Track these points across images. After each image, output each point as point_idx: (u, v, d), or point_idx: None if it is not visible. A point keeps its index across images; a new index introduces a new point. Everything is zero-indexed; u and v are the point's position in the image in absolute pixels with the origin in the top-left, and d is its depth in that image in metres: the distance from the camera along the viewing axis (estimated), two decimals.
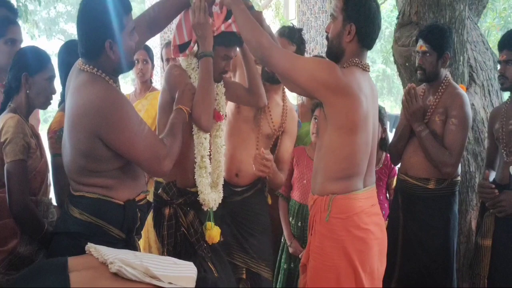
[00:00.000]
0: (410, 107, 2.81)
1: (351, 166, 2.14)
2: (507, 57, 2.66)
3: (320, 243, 2.17)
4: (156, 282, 1.74)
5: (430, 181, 2.80)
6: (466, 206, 3.29)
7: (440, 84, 2.81)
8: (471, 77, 3.42)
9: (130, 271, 1.74)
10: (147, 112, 3.59)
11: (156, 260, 1.87)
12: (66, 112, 2.05)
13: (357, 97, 2.07)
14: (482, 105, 3.40)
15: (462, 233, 3.25)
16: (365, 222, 2.15)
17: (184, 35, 2.44)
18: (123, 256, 1.81)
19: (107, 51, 1.96)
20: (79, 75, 2.01)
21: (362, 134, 2.11)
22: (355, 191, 2.15)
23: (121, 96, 2.00)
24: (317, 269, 2.18)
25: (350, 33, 2.14)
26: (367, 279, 2.15)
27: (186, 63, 2.46)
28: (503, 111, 2.77)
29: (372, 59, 19.07)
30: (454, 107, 2.73)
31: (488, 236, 2.69)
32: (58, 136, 2.47)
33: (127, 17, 2.00)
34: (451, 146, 2.71)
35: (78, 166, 2.02)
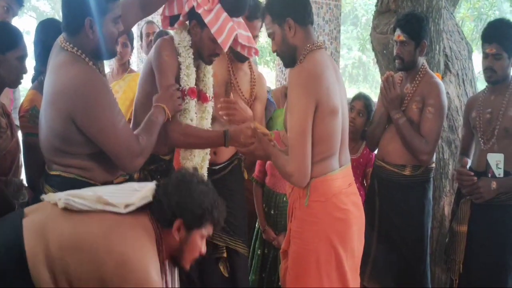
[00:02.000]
0: (388, 95, 2.84)
1: (328, 148, 2.15)
2: (496, 51, 2.63)
3: (300, 228, 2.20)
4: (110, 208, 1.71)
5: (406, 168, 2.85)
6: (440, 193, 3.36)
7: (417, 73, 2.85)
8: (447, 66, 3.48)
9: (79, 201, 1.71)
10: (124, 93, 3.55)
11: (113, 189, 1.85)
12: (44, 91, 2.01)
13: (330, 85, 2.10)
14: (456, 94, 3.46)
15: (435, 219, 3.32)
16: (344, 203, 2.17)
17: (174, 8, 2.38)
18: (76, 191, 1.78)
19: (86, 29, 1.93)
20: (60, 53, 1.98)
21: (338, 115, 2.14)
22: (332, 172, 2.17)
23: (101, 81, 1.97)
24: (298, 253, 2.20)
25: (291, 28, 2.17)
26: (349, 259, 2.19)
27: (178, 39, 2.36)
28: (480, 100, 2.82)
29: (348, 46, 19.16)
30: (431, 96, 2.77)
31: (464, 222, 2.75)
32: (30, 115, 2.42)
33: (113, 3, 1.97)
34: (427, 134, 2.76)
35: (52, 146, 1.99)
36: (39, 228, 1.67)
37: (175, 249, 1.79)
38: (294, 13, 2.16)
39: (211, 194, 1.81)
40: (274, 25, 2.20)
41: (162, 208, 1.75)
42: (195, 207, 1.75)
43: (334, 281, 2.17)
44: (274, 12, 2.19)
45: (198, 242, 1.80)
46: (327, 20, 6.67)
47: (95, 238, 1.65)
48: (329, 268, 2.15)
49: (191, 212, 1.74)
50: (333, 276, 2.17)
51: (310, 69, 2.11)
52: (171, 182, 1.80)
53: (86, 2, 1.92)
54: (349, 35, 19.14)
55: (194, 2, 2.28)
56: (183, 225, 1.75)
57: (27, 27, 16.84)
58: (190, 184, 1.79)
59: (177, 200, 1.74)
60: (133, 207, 1.73)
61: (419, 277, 2.89)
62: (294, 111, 2.10)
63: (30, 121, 2.40)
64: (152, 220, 1.75)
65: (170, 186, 1.78)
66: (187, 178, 1.81)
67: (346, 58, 19.47)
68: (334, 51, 6.75)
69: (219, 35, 2.24)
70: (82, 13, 1.92)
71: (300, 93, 2.08)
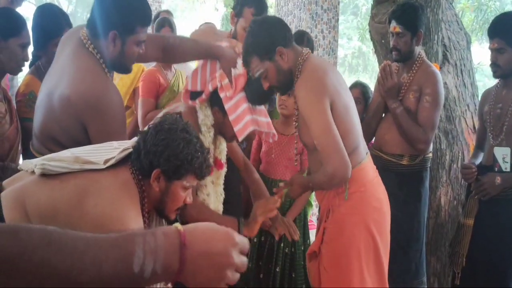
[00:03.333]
0: (386, 84, 2.84)
1: (353, 140, 2.18)
2: (498, 45, 2.64)
3: (340, 223, 2.20)
4: (88, 166, 1.65)
5: (404, 157, 2.86)
6: (436, 183, 3.37)
7: (414, 62, 2.85)
8: (445, 56, 3.47)
9: (55, 164, 1.65)
10: (121, 80, 3.55)
11: (92, 148, 1.78)
12: (53, 77, 2.01)
13: (336, 82, 2.15)
14: (454, 84, 3.46)
15: (432, 209, 3.33)
16: (378, 192, 2.24)
17: (198, 84, 2.34)
18: (53, 155, 1.74)
19: (109, 40, 1.95)
20: (79, 48, 1.99)
21: (352, 106, 2.19)
22: (363, 161, 2.22)
23: (118, 95, 2.02)
24: (337, 251, 2.20)
25: (282, 55, 2.16)
26: (383, 248, 2.23)
27: (202, 117, 2.29)
28: (492, 94, 2.81)
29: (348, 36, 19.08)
30: (428, 85, 2.78)
31: (471, 216, 2.76)
32: (27, 100, 2.43)
33: (141, 28, 1.99)
34: (425, 122, 2.76)
35: (50, 135, 2.00)
36: (17, 199, 1.63)
37: (157, 199, 1.72)
38: (281, 40, 2.17)
39: (192, 142, 1.69)
40: (264, 63, 2.17)
41: (140, 158, 1.67)
42: (173, 157, 1.65)
43: (372, 272, 2.19)
44: (261, 51, 2.16)
45: (179, 193, 1.72)
46: (326, 9, 6.65)
47: (70, 203, 1.60)
48: (368, 259, 2.18)
49: (169, 162, 1.65)
50: (371, 266, 2.19)
51: (313, 75, 2.13)
52: (152, 129, 1.70)
53: (115, 15, 1.94)
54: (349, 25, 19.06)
55: (218, 83, 2.26)
56: (162, 176, 1.67)
57: (26, 14, 16.77)
58: (170, 132, 1.68)
59: (155, 149, 1.65)
60: (113, 161, 1.66)
61: (415, 266, 2.91)
62: (314, 115, 2.08)
63: (27, 105, 2.42)
64: (133, 172, 1.69)
65: (149, 134, 1.69)
66: (168, 126, 1.70)
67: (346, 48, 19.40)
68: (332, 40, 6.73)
69: (236, 123, 2.22)
70: (109, 24, 1.94)
71: (313, 99, 2.08)
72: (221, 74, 2.26)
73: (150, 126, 1.73)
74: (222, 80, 2.24)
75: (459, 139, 3.40)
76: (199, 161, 1.70)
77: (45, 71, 2.58)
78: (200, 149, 1.71)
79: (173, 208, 1.76)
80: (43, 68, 2.61)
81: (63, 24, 2.59)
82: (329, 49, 6.71)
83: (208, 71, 2.32)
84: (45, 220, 1.60)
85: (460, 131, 3.40)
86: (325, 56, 6.63)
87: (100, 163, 1.65)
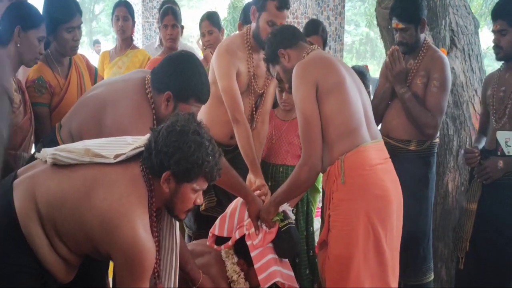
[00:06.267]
0: (394, 69, 2.83)
1: (345, 121, 2.16)
2: (500, 27, 2.62)
3: (338, 209, 2.17)
4: (98, 159, 1.66)
5: (411, 143, 2.85)
6: (444, 169, 3.36)
7: (420, 48, 2.83)
8: (452, 41, 3.44)
9: (66, 155, 1.66)
10: (127, 69, 3.56)
11: (105, 141, 1.79)
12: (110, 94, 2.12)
13: (328, 64, 2.21)
14: (462, 69, 3.43)
15: (439, 195, 3.32)
16: (382, 179, 2.16)
17: (225, 230, 2.41)
18: (66, 146, 1.76)
19: (163, 98, 2.07)
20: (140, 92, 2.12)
21: (344, 87, 2.17)
22: (363, 144, 2.16)
23: None
24: (337, 237, 2.17)
25: (284, 55, 2.32)
26: (388, 238, 2.15)
27: (230, 263, 2.36)
28: (496, 77, 2.79)
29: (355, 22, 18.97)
30: (436, 70, 2.76)
31: (474, 201, 2.74)
32: (36, 85, 2.50)
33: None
34: (433, 107, 2.75)
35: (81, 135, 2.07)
36: (29, 187, 1.65)
37: (166, 200, 1.72)
38: (282, 42, 2.32)
39: (204, 146, 1.67)
40: (275, 67, 2.38)
41: (151, 157, 1.67)
42: (183, 160, 1.63)
43: (372, 261, 2.13)
44: (268, 57, 2.40)
45: (189, 195, 1.72)
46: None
47: (78, 194, 1.61)
48: (367, 248, 2.12)
49: (179, 165, 1.64)
50: (370, 255, 2.13)
51: (303, 61, 2.23)
52: (164, 130, 1.68)
53: (174, 82, 2.06)
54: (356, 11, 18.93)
55: (246, 231, 2.34)
56: (172, 177, 1.67)
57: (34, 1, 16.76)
58: (181, 134, 1.66)
59: (166, 151, 1.64)
60: (124, 157, 1.67)
61: (423, 252, 2.91)
62: (297, 103, 2.18)
63: (36, 90, 2.49)
64: (143, 170, 1.69)
65: (161, 135, 1.67)
66: (180, 128, 1.67)
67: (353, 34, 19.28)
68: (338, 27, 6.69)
69: (261, 272, 2.27)
70: (167, 85, 2.08)
71: (298, 83, 2.17)
72: (249, 223, 2.36)
73: (163, 126, 1.72)
74: (250, 229, 2.34)
75: (467, 125, 3.38)
76: (210, 165, 1.69)
77: (54, 57, 2.62)
78: (211, 153, 1.69)
79: (182, 209, 1.76)
80: (52, 55, 2.64)
81: (74, 10, 2.63)
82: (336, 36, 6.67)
83: (236, 219, 2.40)
84: (52, 208, 1.62)
85: (468, 116, 3.38)
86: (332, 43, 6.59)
87: (110, 158, 1.66)
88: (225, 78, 2.70)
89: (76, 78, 2.74)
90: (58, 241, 1.65)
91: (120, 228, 1.57)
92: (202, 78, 2.10)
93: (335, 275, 2.18)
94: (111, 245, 1.59)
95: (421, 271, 2.91)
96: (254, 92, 2.87)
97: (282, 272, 2.30)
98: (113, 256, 1.63)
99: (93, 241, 1.62)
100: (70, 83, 2.69)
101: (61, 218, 1.62)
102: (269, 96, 2.95)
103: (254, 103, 2.90)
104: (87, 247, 1.67)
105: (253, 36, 2.77)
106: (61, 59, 2.69)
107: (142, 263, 1.60)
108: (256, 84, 2.87)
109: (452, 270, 3.25)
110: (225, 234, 2.39)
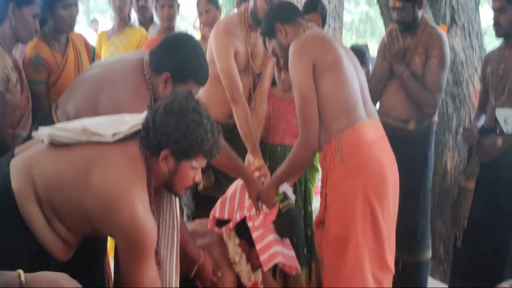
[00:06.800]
0: (392, 48, 2.81)
1: (343, 100, 2.15)
2: (499, 4, 2.59)
3: (335, 187, 2.16)
4: (96, 138, 1.64)
5: (411, 122, 2.85)
6: (443, 147, 3.37)
7: (418, 25, 2.81)
8: (453, 18, 3.42)
9: (63, 134, 1.65)
10: (125, 48, 3.54)
11: (102, 120, 1.78)
12: (106, 74, 2.11)
13: (325, 42, 2.20)
14: (462, 47, 3.41)
15: (438, 174, 3.33)
16: (378, 156, 2.15)
17: (225, 212, 2.40)
18: (63, 124, 1.76)
19: (161, 79, 2.04)
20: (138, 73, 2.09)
21: (341, 66, 2.16)
22: (360, 122, 2.15)
23: None
24: (333, 215, 2.16)
25: (281, 31, 2.28)
26: (385, 215, 2.16)
27: (232, 245, 2.37)
28: (495, 55, 2.77)
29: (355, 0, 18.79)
30: (434, 47, 2.74)
31: (472, 179, 2.74)
32: (34, 63, 2.50)
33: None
34: (432, 85, 2.74)
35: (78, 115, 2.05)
36: (26, 166, 1.64)
37: (165, 178, 1.72)
38: (280, 17, 2.28)
39: (203, 124, 1.66)
40: (271, 41, 2.33)
41: (149, 136, 1.65)
42: (182, 139, 1.62)
43: (369, 238, 2.13)
44: (264, 31, 2.36)
45: (188, 172, 1.71)
46: None
47: (76, 175, 1.60)
48: (365, 226, 2.12)
49: (178, 144, 1.63)
50: (368, 234, 2.13)
51: (301, 38, 2.20)
52: (162, 108, 1.66)
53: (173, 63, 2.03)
54: None
55: (246, 213, 2.34)
56: (171, 156, 1.66)
57: None
58: (180, 113, 1.64)
59: (164, 129, 1.63)
60: (121, 135, 1.66)
61: (421, 230, 2.93)
62: (294, 82, 2.17)
63: (33, 68, 2.49)
64: (141, 148, 1.68)
65: (159, 113, 1.65)
66: (179, 106, 1.66)
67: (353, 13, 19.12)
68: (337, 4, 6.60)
69: (262, 253, 2.28)
70: (164, 66, 2.06)
71: (295, 61, 2.15)
72: (249, 205, 2.35)
73: (160, 104, 1.70)
74: (250, 211, 2.34)
75: (466, 103, 3.37)
76: (209, 143, 1.68)
77: (51, 35, 2.61)
78: (210, 130, 1.68)
79: (182, 186, 1.76)
80: (49, 32, 2.63)
81: None
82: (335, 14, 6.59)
83: (236, 201, 2.40)
84: (51, 191, 1.61)
85: (468, 95, 3.37)
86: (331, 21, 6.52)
87: (108, 136, 1.64)
88: (223, 58, 2.67)
89: (74, 56, 2.72)
90: (56, 221, 1.64)
91: (119, 208, 1.56)
92: (201, 60, 2.09)
93: (332, 254, 2.18)
94: (111, 225, 1.59)
95: (419, 248, 2.94)
96: (252, 72, 2.85)
97: (284, 252, 2.31)
98: (113, 236, 1.63)
99: (93, 221, 1.62)
100: (67, 60, 2.68)
101: (59, 199, 1.61)
102: (267, 76, 2.93)
103: (252, 83, 2.88)
104: (86, 227, 1.67)
105: (250, 14, 2.73)
106: (58, 36, 2.68)
107: (144, 242, 1.59)
108: (254, 63, 2.84)
109: (450, 248, 3.27)
110: (226, 217, 2.39)
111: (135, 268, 1.62)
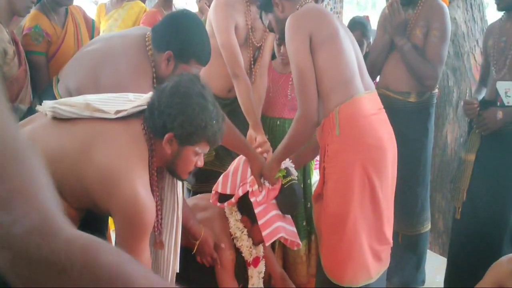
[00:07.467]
0: (393, 20, 2.78)
1: (340, 72, 2.13)
2: None
3: (333, 162, 2.15)
4: (99, 114, 1.63)
5: (411, 94, 2.84)
6: (443, 120, 3.36)
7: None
8: None
9: (66, 109, 1.64)
10: (123, 21, 3.51)
11: (106, 97, 1.76)
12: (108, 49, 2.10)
13: (322, 15, 2.19)
14: (463, 19, 3.38)
15: (438, 146, 3.33)
16: (377, 129, 2.14)
17: (227, 187, 2.38)
18: (66, 99, 1.74)
19: (164, 57, 2.05)
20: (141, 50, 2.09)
21: (338, 39, 2.15)
22: (357, 94, 2.14)
23: None
24: (331, 189, 2.16)
25: (278, 5, 2.27)
26: (383, 188, 2.15)
27: (233, 220, 2.38)
28: (497, 27, 2.74)
29: None
30: (435, 19, 2.72)
31: (472, 151, 2.73)
32: (33, 33, 2.49)
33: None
34: (433, 58, 2.73)
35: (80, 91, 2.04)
36: (28, 140, 1.63)
37: (168, 161, 1.71)
38: None
39: (208, 109, 1.65)
40: (268, 15, 2.32)
41: (153, 117, 1.64)
42: (187, 123, 1.62)
43: (368, 211, 2.14)
44: (263, 5, 2.34)
45: (191, 157, 1.71)
46: None
47: (77, 149, 1.59)
48: (363, 199, 2.12)
49: (182, 128, 1.62)
50: (366, 207, 2.13)
51: (297, 12, 2.20)
52: (167, 90, 1.65)
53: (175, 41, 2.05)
54: None
55: (249, 188, 2.33)
56: (174, 139, 1.65)
57: None
58: (186, 96, 1.63)
59: (169, 112, 1.61)
60: (125, 113, 1.64)
61: (421, 202, 2.95)
62: (291, 56, 2.15)
63: (33, 39, 2.48)
64: (144, 128, 1.67)
65: (164, 95, 1.64)
66: (184, 89, 1.65)
67: None
68: None
69: (264, 228, 2.26)
70: (167, 45, 2.05)
71: (292, 34, 2.14)
72: (252, 180, 2.35)
73: (166, 86, 1.69)
74: (253, 186, 2.33)
75: (467, 76, 3.36)
76: (213, 129, 1.67)
77: (50, 7, 2.59)
78: (215, 117, 1.67)
79: (184, 170, 1.76)
80: (49, 4, 2.61)
81: None
82: None
83: (239, 177, 2.38)
84: (52, 164, 1.60)
85: (469, 67, 3.35)
86: None
87: (111, 113, 1.63)
88: (224, 32, 2.64)
89: (73, 28, 2.70)
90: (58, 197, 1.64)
91: (119, 185, 1.55)
92: (204, 40, 2.08)
93: (331, 227, 2.19)
94: (110, 202, 1.58)
95: (419, 221, 2.96)
96: (252, 46, 2.82)
97: (286, 227, 2.32)
98: (112, 213, 1.62)
99: (93, 197, 1.61)
100: (67, 32, 2.66)
101: (60, 173, 1.59)
102: (267, 49, 2.90)
103: (252, 57, 2.86)
104: (87, 203, 1.66)
105: None
106: (57, 8, 2.65)
107: (142, 221, 1.59)
108: (254, 37, 2.82)
109: (449, 221, 3.30)
110: (228, 192, 2.39)
111: (131, 246, 1.61)
